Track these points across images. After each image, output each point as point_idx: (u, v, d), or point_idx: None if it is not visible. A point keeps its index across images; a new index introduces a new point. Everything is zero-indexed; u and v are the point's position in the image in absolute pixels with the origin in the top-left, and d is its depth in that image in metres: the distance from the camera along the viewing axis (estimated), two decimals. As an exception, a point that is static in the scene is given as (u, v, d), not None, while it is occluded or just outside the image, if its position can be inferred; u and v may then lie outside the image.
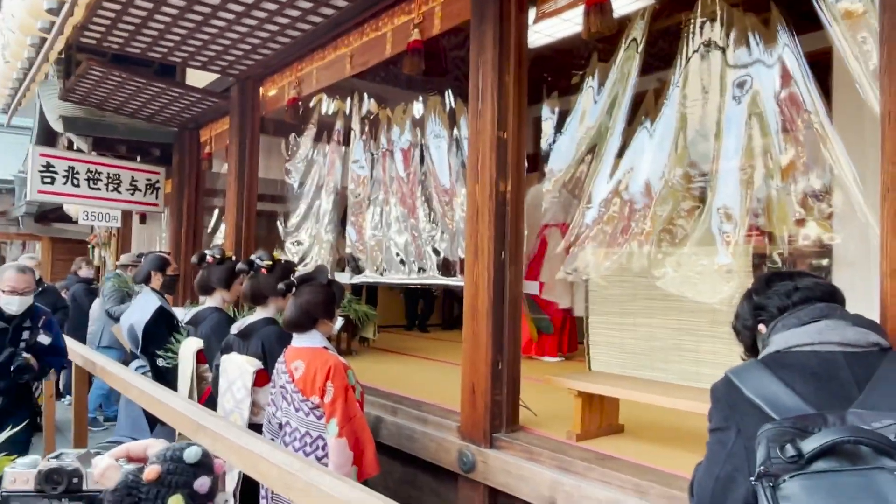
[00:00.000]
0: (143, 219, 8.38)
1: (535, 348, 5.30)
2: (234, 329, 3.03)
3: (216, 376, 3.03)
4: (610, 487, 2.35)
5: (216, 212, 6.76)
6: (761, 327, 1.46)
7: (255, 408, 2.87)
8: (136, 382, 3.04)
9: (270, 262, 3.02)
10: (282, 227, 5.46)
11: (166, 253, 5.04)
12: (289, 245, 5.31)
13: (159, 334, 3.75)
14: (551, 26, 4.43)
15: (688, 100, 2.64)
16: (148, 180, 6.70)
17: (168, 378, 3.50)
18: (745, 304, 1.53)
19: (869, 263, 2.33)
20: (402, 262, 4.65)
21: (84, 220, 7.78)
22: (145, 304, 3.92)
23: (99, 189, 6.33)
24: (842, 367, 1.25)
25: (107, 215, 7.61)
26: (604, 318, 3.75)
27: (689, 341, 3.49)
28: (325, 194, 5.20)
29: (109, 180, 6.39)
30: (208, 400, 3.15)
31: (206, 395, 3.24)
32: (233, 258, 3.71)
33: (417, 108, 4.78)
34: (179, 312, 4.04)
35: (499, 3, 2.90)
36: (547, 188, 3.28)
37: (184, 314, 3.82)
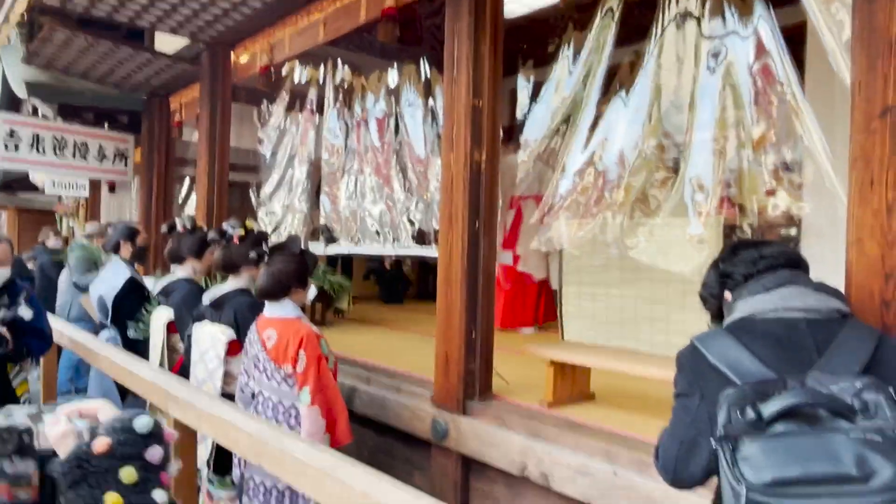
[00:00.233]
0: (113, 188, 8.21)
1: (511, 320, 5.34)
2: (206, 299, 2.99)
3: (188, 346, 3.00)
4: (580, 453, 2.39)
5: (187, 181, 6.64)
6: (727, 295, 1.47)
7: (227, 378, 2.85)
8: (106, 353, 3.01)
9: (242, 231, 2.98)
10: (255, 198, 5.38)
11: (136, 223, 4.94)
12: (262, 215, 5.24)
13: (130, 305, 3.69)
14: (528, -6, 4.37)
15: (662, 69, 2.63)
16: (116, 148, 6.54)
17: (138, 349, 3.46)
18: (712, 273, 1.55)
19: (837, 234, 2.37)
20: (377, 232, 4.62)
21: (51, 189, 7.61)
22: (115, 274, 3.86)
23: (66, 157, 6.17)
24: (804, 333, 1.27)
25: (74, 184, 7.45)
26: (576, 288, 3.78)
27: (661, 311, 3.54)
28: (298, 164, 5.13)
29: (76, 147, 6.23)
30: (181, 370, 3.12)
31: (178, 364, 3.22)
32: (204, 228, 3.66)
33: (392, 77, 4.71)
34: (150, 282, 3.98)
35: (474, -32, 2.85)
36: (522, 159, 3.26)
37: (154, 284, 3.76)
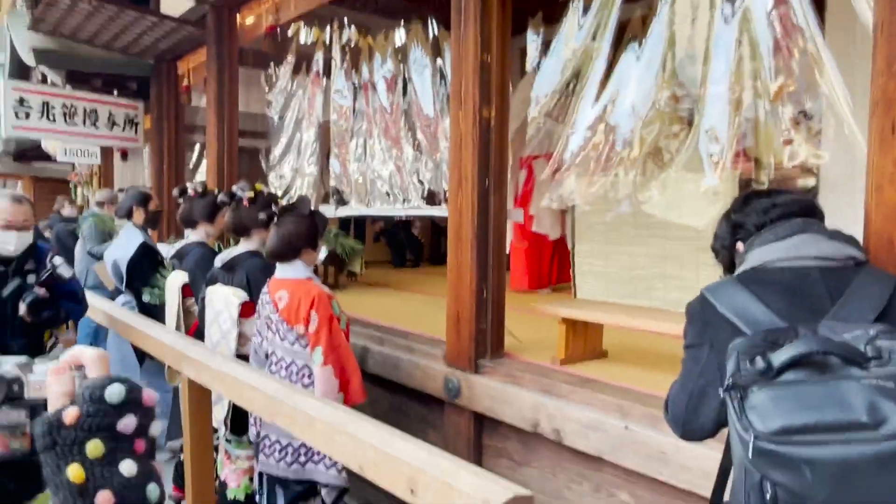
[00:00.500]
0: (125, 156, 8.23)
1: (524, 281, 5.34)
2: (219, 262, 3.01)
3: (202, 309, 3.03)
4: (592, 409, 2.39)
5: (197, 147, 6.63)
6: (739, 245, 1.44)
7: (241, 339, 2.88)
8: (123, 317, 3.04)
9: (252, 194, 2.98)
10: (264, 161, 5.36)
11: (148, 188, 4.95)
12: (272, 179, 5.23)
13: (143, 269, 3.73)
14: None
15: (677, 17, 2.55)
16: (126, 115, 6.52)
17: (154, 313, 3.51)
18: (724, 224, 1.52)
19: (854, 188, 2.31)
20: (388, 193, 4.60)
21: (63, 157, 7.62)
22: (128, 240, 3.88)
23: (76, 124, 6.16)
24: (816, 281, 1.25)
25: (86, 151, 7.45)
26: (589, 246, 3.75)
27: (674, 268, 3.51)
28: (306, 126, 5.09)
29: (86, 115, 6.21)
30: (196, 333, 3.16)
31: (193, 327, 3.25)
32: (215, 192, 3.65)
33: (400, 36, 4.62)
34: (164, 248, 4.01)
35: (481, -83, 2.76)
36: (533, 115, 3.20)
37: (168, 249, 3.79)
